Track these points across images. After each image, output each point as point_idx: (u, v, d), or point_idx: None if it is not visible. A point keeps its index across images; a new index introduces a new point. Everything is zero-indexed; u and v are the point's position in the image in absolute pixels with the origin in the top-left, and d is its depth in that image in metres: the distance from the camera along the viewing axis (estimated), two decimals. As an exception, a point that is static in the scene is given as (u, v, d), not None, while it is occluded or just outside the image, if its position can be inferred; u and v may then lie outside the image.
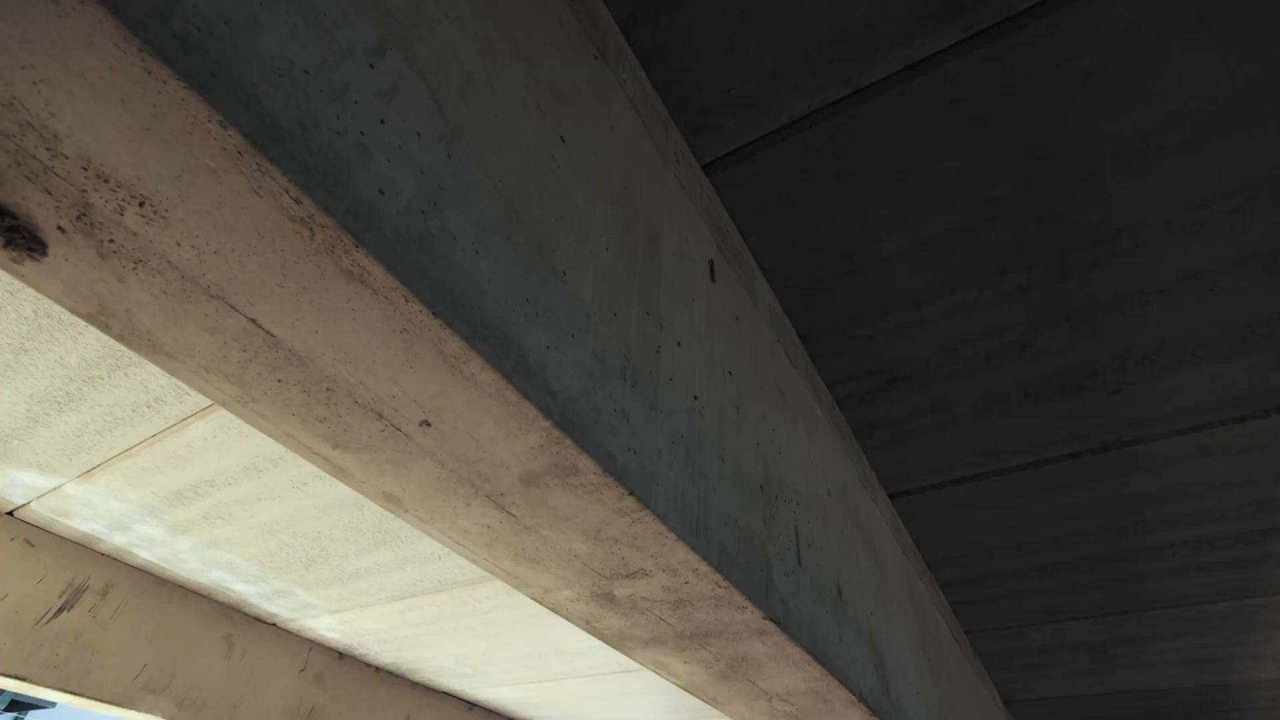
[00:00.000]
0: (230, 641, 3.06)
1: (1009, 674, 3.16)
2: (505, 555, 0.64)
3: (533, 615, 2.73)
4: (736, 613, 0.72)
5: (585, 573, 0.66)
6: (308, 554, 2.50)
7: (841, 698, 0.95)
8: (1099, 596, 2.46)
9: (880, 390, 1.57)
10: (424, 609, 2.77)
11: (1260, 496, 1.93)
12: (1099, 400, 1.61)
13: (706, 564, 0.64)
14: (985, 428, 1.69)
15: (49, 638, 2.57)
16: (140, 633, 2.81)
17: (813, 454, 1.17)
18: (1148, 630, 2.72)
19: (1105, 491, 1.91)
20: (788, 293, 1.34)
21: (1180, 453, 1.77)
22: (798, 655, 0.82)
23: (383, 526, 2.25)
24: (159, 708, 2.77)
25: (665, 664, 0.87)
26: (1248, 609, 2.54)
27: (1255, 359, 1.50)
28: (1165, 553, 2.19)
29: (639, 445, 0.58)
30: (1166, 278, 1.34)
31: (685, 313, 0.78)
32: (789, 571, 0.83)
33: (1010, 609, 2.54)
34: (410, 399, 0.47)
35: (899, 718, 1.16)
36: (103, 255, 0.38)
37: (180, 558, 2.67)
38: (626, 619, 0.75)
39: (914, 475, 1.85)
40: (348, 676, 3.40)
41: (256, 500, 2.23)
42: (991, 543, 2.13)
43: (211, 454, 2.04)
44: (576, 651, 3.00)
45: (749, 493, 0.79)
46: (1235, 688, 3.31)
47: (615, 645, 0.83)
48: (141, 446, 2.08)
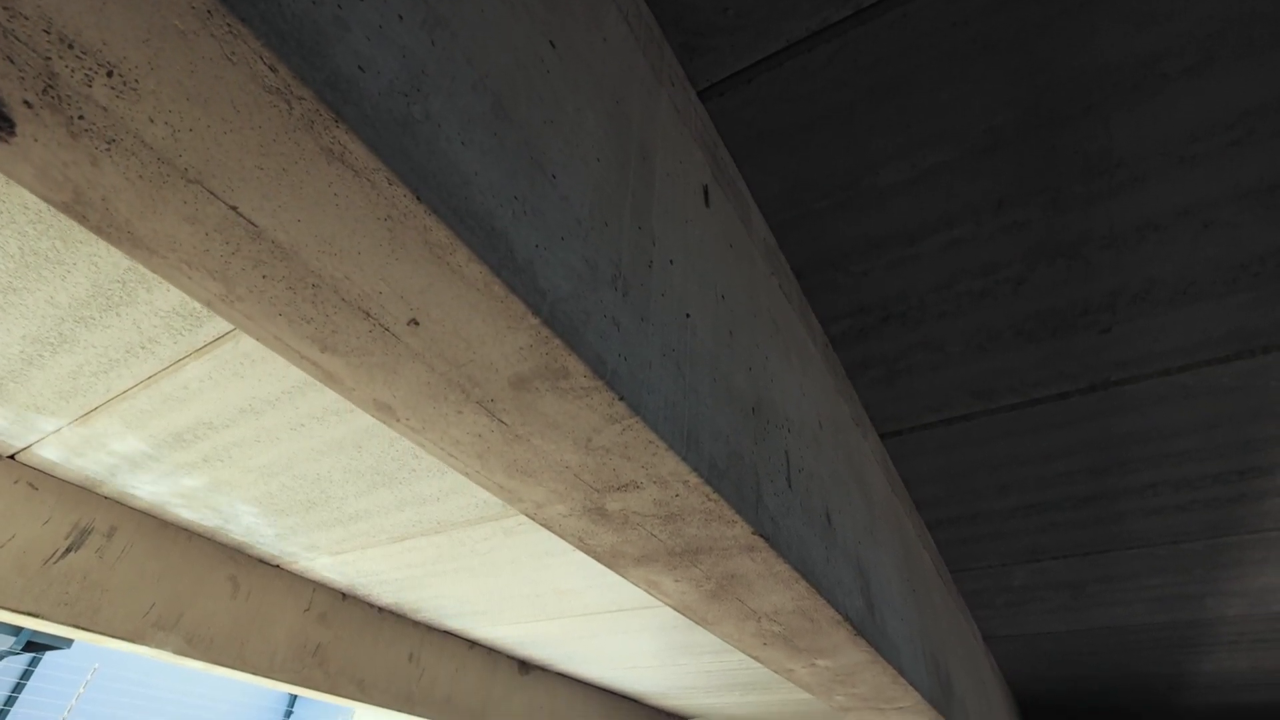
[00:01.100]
0: (235, 582, 3.13)
1: (990, 611, 3.27)
2: (498, 467, 0.65)
3: (529, 556, 2.79)
4: (726, 528, 0.74)
5: (577, 485, 0.67)
6: (308, 496, 2.54)
7: (828, 617, 0.98)
8: (1080, 536, 2.53)
9: (873, 328, 1.58)
10: (423, 550, 2.83)
11: (1241, 437, 1.97)
12: (1089, 339, 1.62)
13: (697, 476, 0.65)
14: (977, 367, 1.70)
15: (58, 577, 2.63)
16: (146, 573, 2.87)
17: (805, 386, 1.18)
18: (1124, 569, 2.81)
19: (1091, 432, 1.94)
20: (783, 226, 1.33)
21: (1166, 393, 1.79)
22: (786, 573, 0.84)
23: (380, 468, 2.28)
24: (169, 643, 2.85)
25: (657, 583, 0.90)
26: (1221, 547, 2.62)
27: (1245, 297, 1.50)
28: (1146, 493, 2.24)
29: (629, 353, 0.58)
30: (1162, 213, 1.33)
31: (678, 233, 0.77)
32: (779, 492, 0.85)
33: (994, 548, 2.61)
34: (397, 295, 0.47)
35: (883, 640, 1.20)
36: (73, 134, 0.37)
37: (182, 501, 2.71)
38: (618, 535, 0.77)
39: (905, 415, 1.87)
40: (351, 616, 3.50)
41: (255, 442, 2.25)
42: (978, 483, 2.18)
43: (208, 395, 2.05)
44: (572, 590, 3.09)
45: (740, 413, 0.79)
46: (1203, 623, 3.44)
47: (608, 563, 0.85)
48: (138, 389, 2.08)
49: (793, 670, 1.27)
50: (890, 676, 1.29)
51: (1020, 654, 4.03)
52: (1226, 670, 4.29)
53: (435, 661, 3.82)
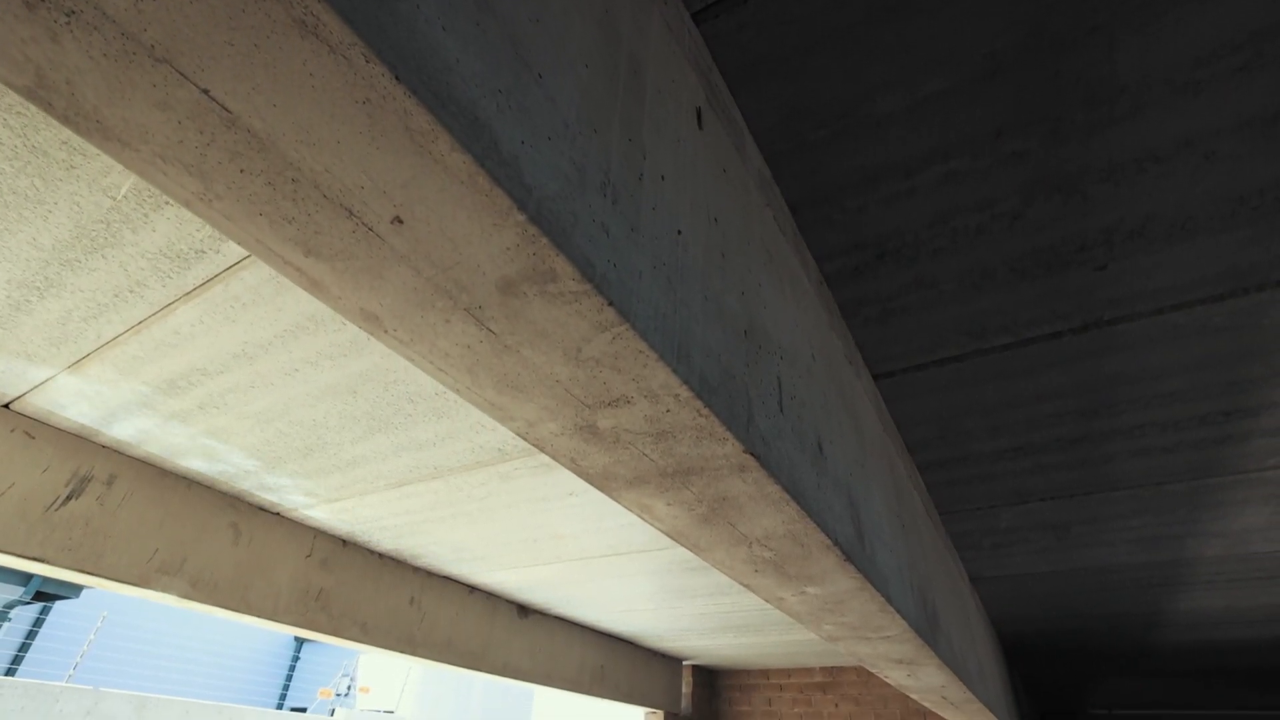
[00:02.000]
0: (237, 529, 3.18)
1: (977, 553, 3.36)
2: (488, 382, 0.65)
3: (526, 501, 2.84)
4: (717, 445, 0.74)
5: (568, 401, 0.67)
6: (305, 443, 2.55)
7: (818, 541, 1.00)
8: (1067, 478, 2.58)
9: (868, 266, 1.57)
10: (421, 496, 2.87)
11: (1229, 377, 1.99)
12: (1084, 277, 1.61)
13: (688, 389, 0.65)
14: (970, 306, 1.70)
15: (60, 523, 2.66)
16: (148, 520, 2.91)
17: (799, 319, 1.18)
18: (1109, 510, 2.87)
19: (1082, 373, 1.95)
20: (778, 159, 1.31)
21: (1158, 332, 1.79)
22: (777, 494, 0.85)
23: (376, 413, 2.29)
24: (174, 588, 2.91)
25: (649, 506, 0.91)
26: (1203, 489, 2.67)
27: (1242, 233, 1.49)
28: (1133, 434, 2.28)
29: (619, 260, 0.57)
30: (1164, 144, 1.31)
31: (670, 150, 0.76)
32: (770, 415, 0.85)
33: (982, 490, 2.66)
34: (380, 190, 0.46)
35: (871, 568, 1.24)
36: (29, 4, 0.35)
37: (180, 448, 2.72)
38: (610, 455, 0.77)
39: (898, 356, 1.88)
40: (352, 562, 3.57)
41: (249, 388, 2.25)
42: (969, 425, 2.21)
43: (200, 341, 2.04)
44: (568, 535, 3.15)
45: (732, 334, 0.79)
46: (1183, 563, 3.55)
47: (601, 486, 0.86)
48: (129, 334, 2.07)
49: (783, 599, 1.31)
50: (878, 605, 1.33)
51: (1005, 595, 4.16)
52: (1202, 609, 4.45)
53: (436, 606, 3.92)
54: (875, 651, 1.71)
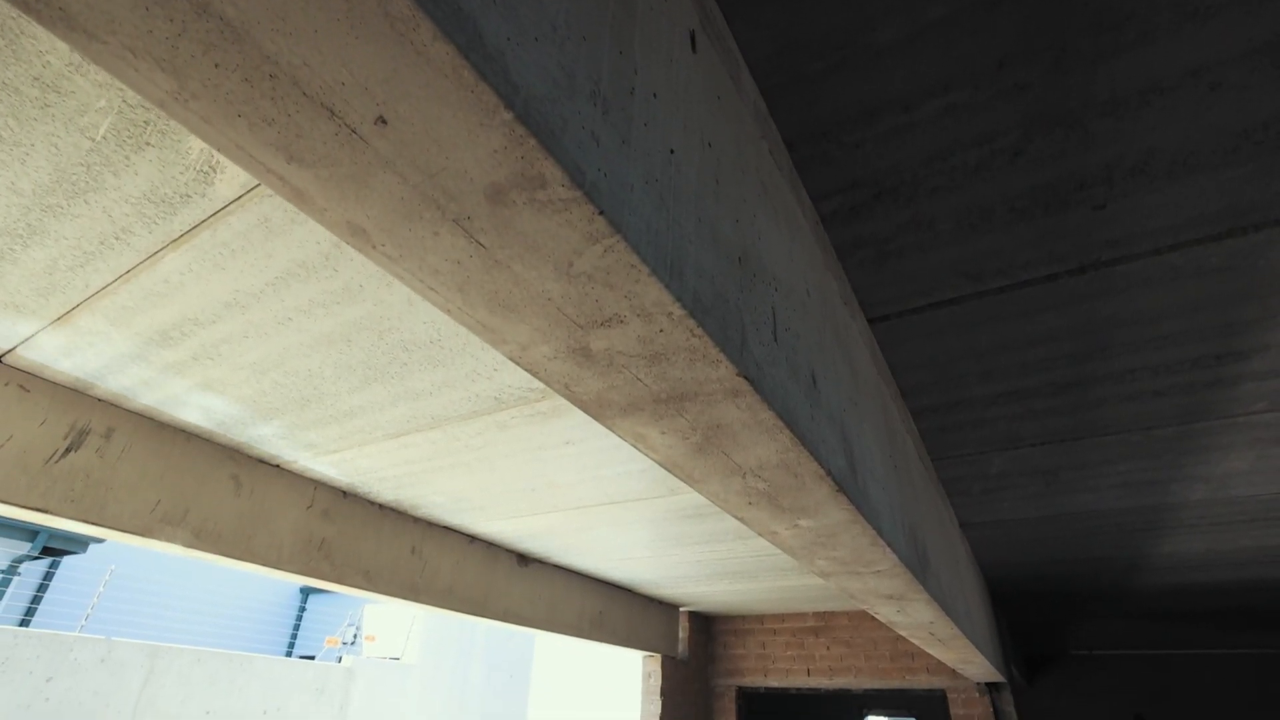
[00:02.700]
0: (238, 481, 3.21)
1: (968, 499, 3.43)
2: (479, 301, 0.64)
3: (523, 450, 2.86)
4: (710, 368, 0.74)
5: (560, 321, 0.67)
6: (301, 394, 2.56)
7: (811, 471, 1.02)
8: (1058, 423, 2.61)
9: (865, 205, 1.55)
10: (419, 446, 2.89)
11: (1222, 319, 1.99)
12: (1082, 217, 1.60)
13: (680, 307, 0.64)
14: (967, 247, 1.68)
15: (61, 475, 2.68)
16: (148, 472, 2.93)
17: (794, 254, 1.17)
18: (1098, 455, 2.92)
19: (1077, 316, 1.96)
20: (774, 92, 1.27)
21: (1154, 273, 1.79)
22: (770, 421, 0.86)
23: (371, 363, 2.29)
24: (178, 537, 2.95)
25: (644, 435, 0.92)
26: (1191, 433, 2.71)
27: (1244, 169, 1.47)
28: (1125, 378, 2.29)
29: (609, 170, 0.56)
30: (1169, 74, 1.28)
31: (663, 68, 0.73)
32: (764, 342, 0.85)
33: (974, 436, 2.70)
34: (361, 86, 0.44)
35: (864, 501, 1.26)
36: None
37: (176, 401, 2.72)
38: (604, 379, 0.77)
39: (893, 299, 1.87)
40: (353, 513, 3.62)
41: (243, 338, 2.23)
42: (963, 370, 2.22)
43: (190, 289, 2.01)
44: (566, 484, 3.19)
45: (726, 259, 0.78)
46: (1167, 508, 3.63)
47: (596, 414, 0.86)
48: (118, 284, 2.04)
49: (777, 532, 1.33)
50: (870, 538, 1.36)
51: (993, 540, 4.26)
52: (1183, 552, 4.57)
53: (437, 555, 4.00)
54: (866, 587, 1.76)
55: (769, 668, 6.88)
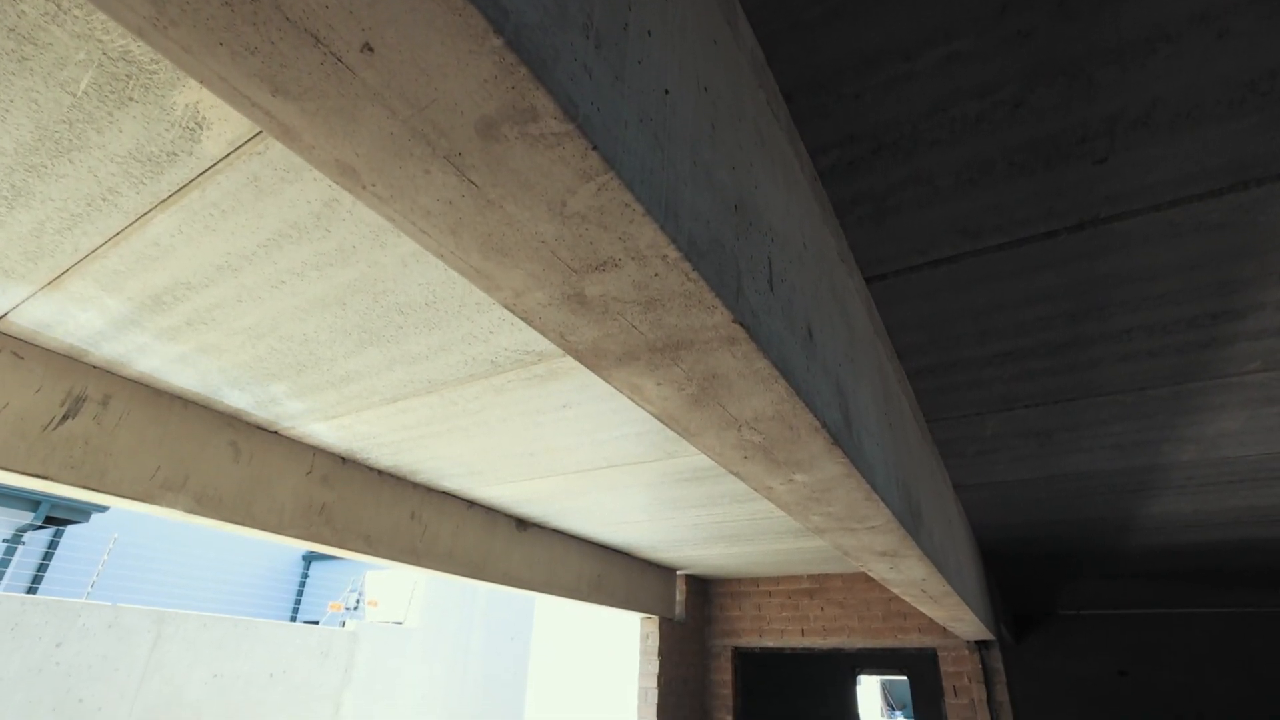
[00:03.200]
0: (236, 447, 3.22)
1: (962, 460, 3.46)
2: (472, 244, 0.63)
3: (520, 414, 2.87)
4: (706, 314, 0.74)
5: (555, 265, 0.66)
6: (297, 359, 2.55)
7: (806, 424, 1.02)
8: (1053, 383, 2.62)
9: (863, 160, 1.53)
10: (417, 411, 2.90)
11: (1220, 277, 1.99)
12: (1083, 171, 1.58)
13: (675, 249, 0.64)
14: (966, 203, 1.67)
15: (60, 442, 2.68)
16: (147, 439, 2.94)
17: (791, 207, 1.16)
18: (1091, 416, 2.94)
19: (1075, 274, 1.95)
20: (771, 40, 1.24)
21: (1153, 230, 1.78)
22: (766, 370, 0.86)
23: (367, 326, 2.28)
24: (179, 503, 2.98)
25: (639, 386, 0.92)
26: (1184, 394, 2.73)
27: (1249, 121, 1.45)
28: (1120, 338, 2.30)
29: (603, 104, 0.55)
30: (1176, 19, 1.25)
31: (656, 7, 0.71)
32: (760, 291, 0.85)
33: (970, 397, 2.71)
34: (346, 9, 0.43)
35: (859, 455, 1.27)
36: None
37: (172, 368, 2.72)
38: (599, 327, 0.77)
39: (891, 258, 1.86)
40: (352, 478, 3.65)
41: (237, 302, 2.22)
42: (959, 330, 2.22)
43: (181, 252, 1.99)
44: (563, 448, 3.21)
45: (721, 205, 0.77)
46: (1158, 469, 3.67)
47: (591, 364, 0.86)
48: (107, 247, 2.02)
49: (772, 488, 1.35)
50: (864, 493, 1.38)
51: (986, 502, 4.32)
52: (1171, 513, 4.65)
53: (436, 519, 4.05)
54: (860, 543, 1.79)
55: (764, 629, 7.04)
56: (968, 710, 5.84)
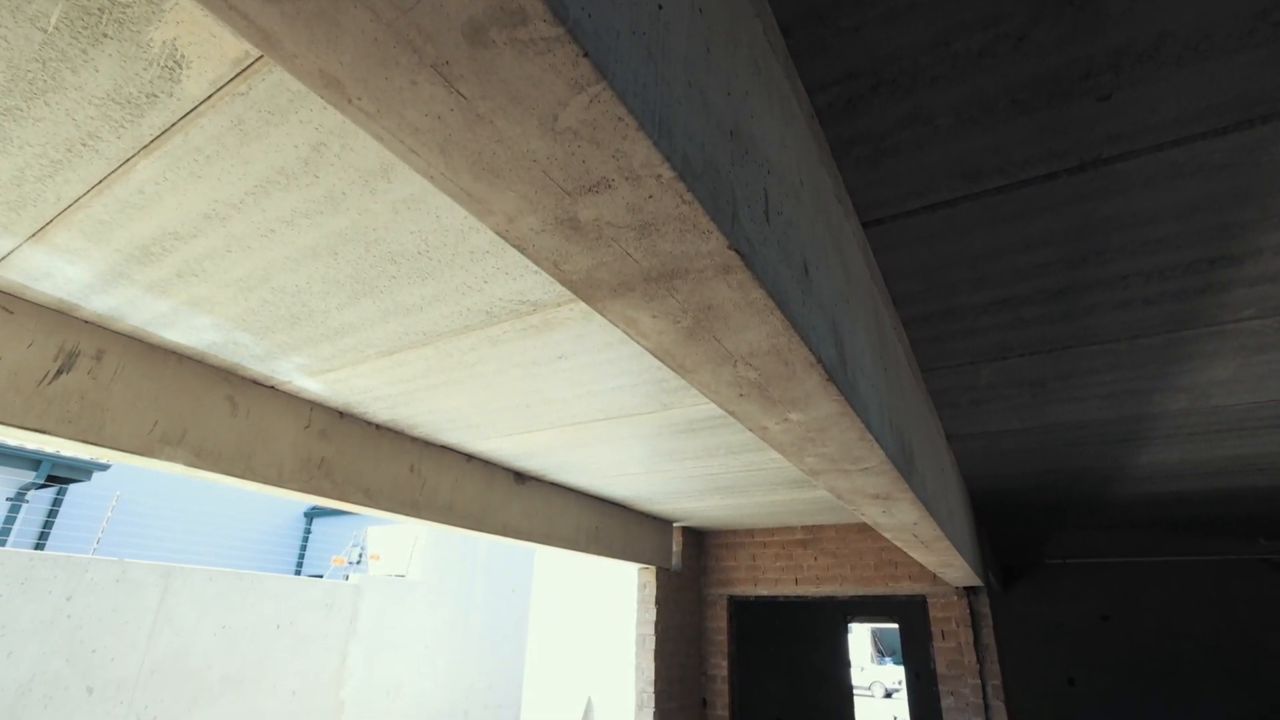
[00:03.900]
0: (233, 402, 3.23)
1: (955, 410, 3.50)
2: (462, 164, 0.62)
3: (516, 366, 2.88)
4: (701, 240, 0.73)
5: (547, 187, 0.65)
6: (290, 311, 2.53)
7: (802, 358, 1.02)
8: (1048, 332, 2.63)
9: (862, 98, 1.49)
10: (412, 364, 2.90)
11: (1220, 221, 1.97)
12: (1086, 109, 1.55)
13: (670, 168, 0.63)
14: (966, 144, 1.64)
15: (56, 396, 2.68)
16: (143, 394, 2.94)
17: (787, 142, 1.13)
18: (1084, 365, 2.96)
19: (1074, 217, 1.93)
20: (770, -34, 1.20)
21: (1155, 171, 1.76)
22: (762, 301, 0.85)
23: (360, 276, 2.26)
24: (178, 457, 2.99)
25: (635, 319, 0.91)
26: (1178, 341, 2.75)
27: (1259, 53, 1.42)
28: (1117, 285, 2.30)
29: (594, 10, 0.53)
30: (1189, -55, 1.21)
31: (649, -85, 0.68)
32: (756, 220, 0.84)
33: (964, 346, 2.72)
34: (321, -108, 0.41)
35: (853, 394, 1.28)
36: None
37: (164, 321, 2.70)
38: (593, 254, 0.76)
39: (888, 201, 1.84)
40: (350, 433, 3.67)
41: (226, 253, 2.19)
42: (956, 277, 2.21)
43: (167, 200, 1.95)
44: (559, 400, 3.23)
45: (716, 129, 0.76)
46: (1147, 418, 3.72)
47: (586, 296, 0.85)
48: (90, 195, 1.98)
49: (767, 428, 1.36)
50: (858, 433, 1.39)
51: (978, 452, 4.38)
52: (1159, 462, 4.73)
53: (435, 473, 4.09)
54: (854, 486, 1.82)
55: (759, 578, 7.22)
56: (955, 653, 6.06)
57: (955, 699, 5.93)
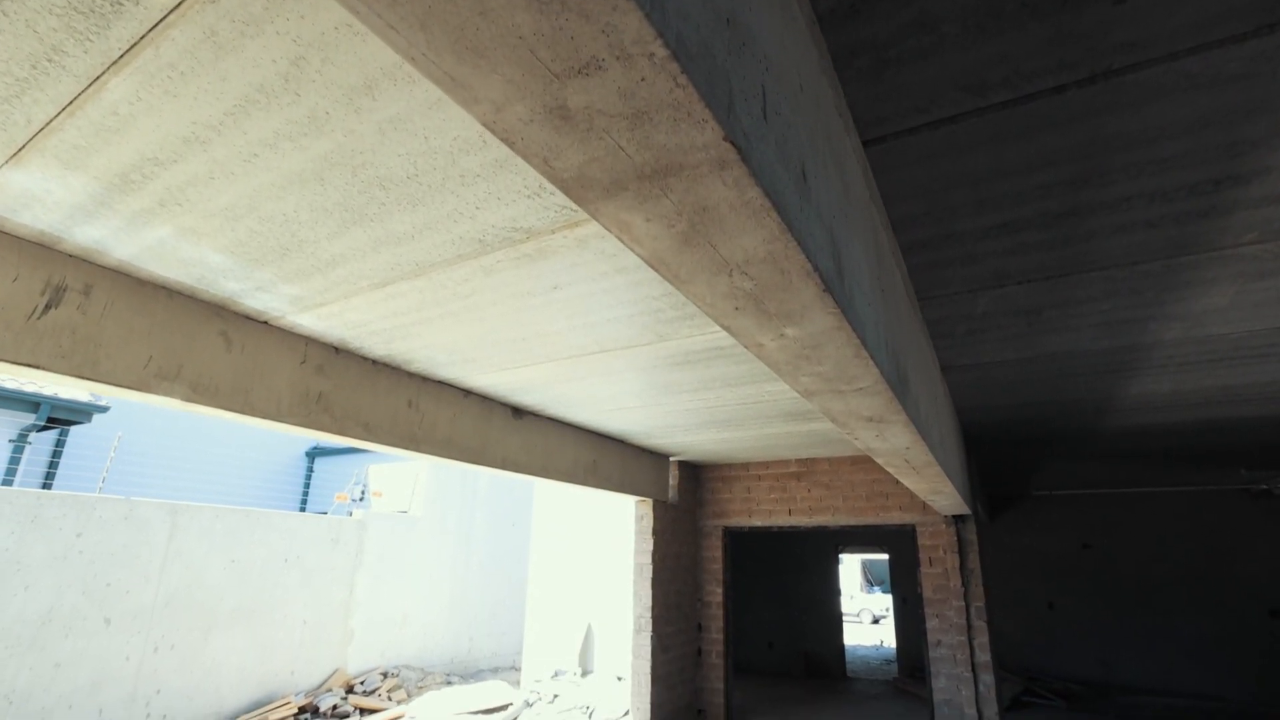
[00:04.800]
0: (227, 337, 3.21)
1: (950, 341, 3.51)
2: (444, 43, 0.59)
3: (510, 297, 2.85)
4: (696, 131, 0.71)
5: (534, 69, 0.62)
6: (280, 241, 2.49)
7: (799, 266, 1.01)
8: (1047, 258, 2.60)
9: (865, 3, 1.42)
10: (406, 296, 2.87)
11: (1229, 138, 1.92)
12: (1100, 14, 1.48)
13: (663, 46, 0.59)
14: (972, 53, 1.58)
15: (47, 331, 2.66)
16: (135, 329, 2.91)
17: (786, 42, 1.08)
18: (1081, 293, 2.95)
19: (1080, 134, 1.88)
20: None
21: (1167, 82, 1.70)
22: (758, 201, 0.83)
23: (348, 204, 2.21)
24: (175, 392, 3.00)
25: (628, 224, 0.89)
26: (1176, 267, 2.73)
27: (1283, -50, 1.35)
28: (1119, 207, 2.26)
29: None
30: None
31: None
32: (753, 115, 0.81)
33: (962, 273, 2.70)
34: None
35: (849, 308, 1.27)
36: None
37: (151, 255, 2.65)
38: (584, 149, 0.73)
39: (890, 117, 1.78)
40: (347, 368, 3.67)
41: (209, 180, 2.13)
42: (957, 199, 2.17)
43: (142, 122, 1.88)
44: (555, 332, 3.22)
45: (712, 14, 0.72)
46: (1141, 348, 3.74)
47: (579, 197, 0.83)
48: (63, 117, 1.90)
49: (763, 345, 1.36)
50: (854, 349, 1.39)
51: (971, 384, 4.42)
52: (1149, 394, 4.79)
53: (433, 408, 4.12)
54: (848, 407, 1.83)
55: (753, 510, 7.41)
56: (941, 578, 6.29)
57: (940, 620, 6.20)
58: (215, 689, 7.16)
